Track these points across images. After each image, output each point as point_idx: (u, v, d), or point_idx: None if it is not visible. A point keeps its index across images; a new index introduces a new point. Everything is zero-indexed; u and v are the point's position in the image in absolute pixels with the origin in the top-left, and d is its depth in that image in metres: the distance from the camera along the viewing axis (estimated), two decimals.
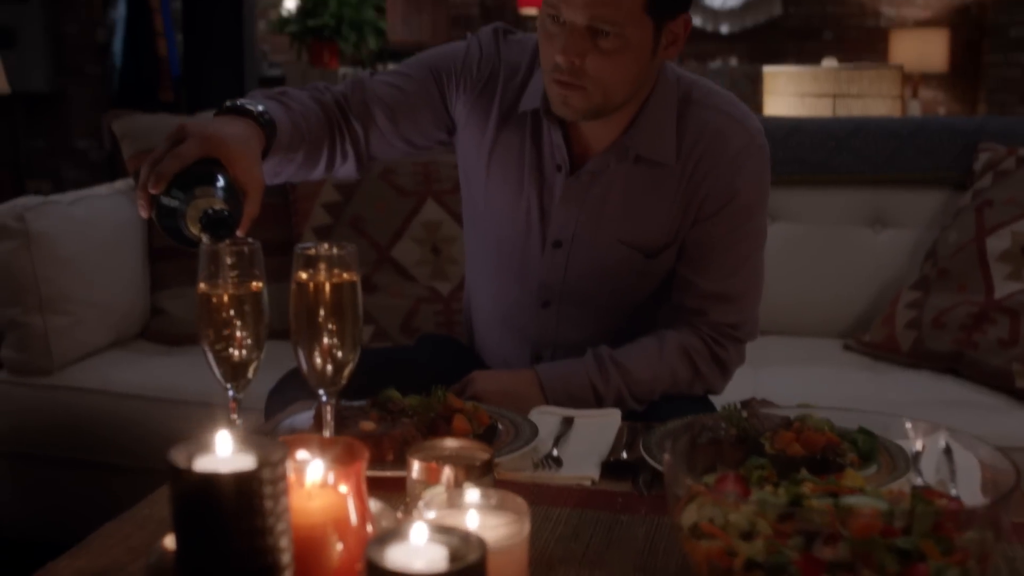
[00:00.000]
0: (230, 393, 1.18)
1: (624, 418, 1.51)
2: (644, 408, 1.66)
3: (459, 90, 1.72)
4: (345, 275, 1.13)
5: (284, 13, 6.60)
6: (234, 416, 1.19)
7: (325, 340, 1.12)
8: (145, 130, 2.67)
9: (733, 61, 8.05)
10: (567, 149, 1.67)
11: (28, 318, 2.29)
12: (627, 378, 1.64)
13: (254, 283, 1.13)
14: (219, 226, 1.24)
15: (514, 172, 1.71)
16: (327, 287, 1.12)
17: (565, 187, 1.68)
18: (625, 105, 1.61)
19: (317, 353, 1.12)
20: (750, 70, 7.50)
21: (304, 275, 1.12)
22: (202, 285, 1.13)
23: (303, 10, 6.21)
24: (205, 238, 1.23)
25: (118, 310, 2.48)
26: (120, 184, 2.70)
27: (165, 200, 1.29)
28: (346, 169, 1.72)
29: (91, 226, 2.44)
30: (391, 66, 7.29)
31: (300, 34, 6.17)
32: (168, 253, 2.57)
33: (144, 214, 1.31)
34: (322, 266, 1.12)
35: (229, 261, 1.12)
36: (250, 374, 1.16)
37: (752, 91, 7.36)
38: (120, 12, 8.34)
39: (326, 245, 1.13)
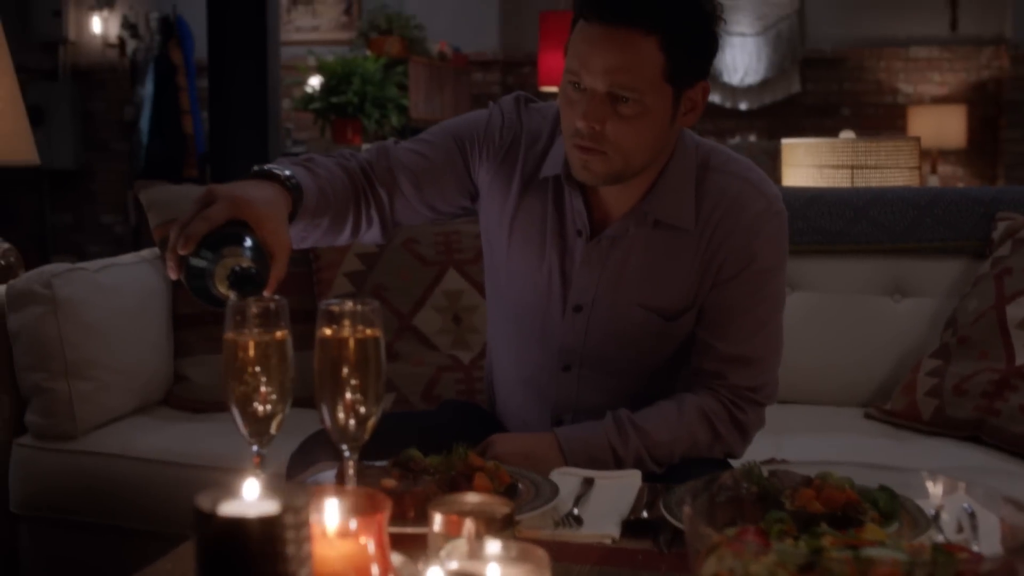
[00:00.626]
0: (254, 448, 1.19)
1: (644, 479, 1.51)
2: (664, 470, 1.66)
3: (482, 157, 1.76)
4: (368, 331, 1.14)
5: (308, 90, 6.71)
6: (258, 471, 1.20)
7: (348, 395, 1.14)
8: (171, 200, 2.72)
9: (752, 137, 8.12)
10: (588, 214, 1.70)
11: (53, 383, 2.31)
12: (647, 441, 1.65)
13: (279, 332, 1.15)
14: (247, 283, 1.26)
15: (536, 237, 1.74)
16: (351, 342, 1.14)
17: (585, 252, 1.70)
18: (645, 171, 1.64)
19: (340, 408, 1.14)
20: (769, 146, 7.56)
21: (328, 331, 1.14)
22: (229, 334, 1.15)
23: (327, 88, 6.31)
24: (233, 296, 1.25)
25: (142, 376, 2.50)
26: (145, 252, 2.74)
27: (194, 261, 1.31)
28: (371, 234, 1.75)
29: (117, 293, 2.47)
30: None
31: (324, 111, 6.26)
32: (192, 321, 2.60)
33: (173, 275, 1.34)
34: (346, 322, 1.14)
35: (255, 311, 1.14)
36: (274, 428, 1.18)
37: (771, 167, 7.41)
38: (148, 90, 8.48)
39: (350, 302, 1.15)
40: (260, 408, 1.16)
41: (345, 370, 1.14)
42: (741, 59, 8.27)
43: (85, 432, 2.36)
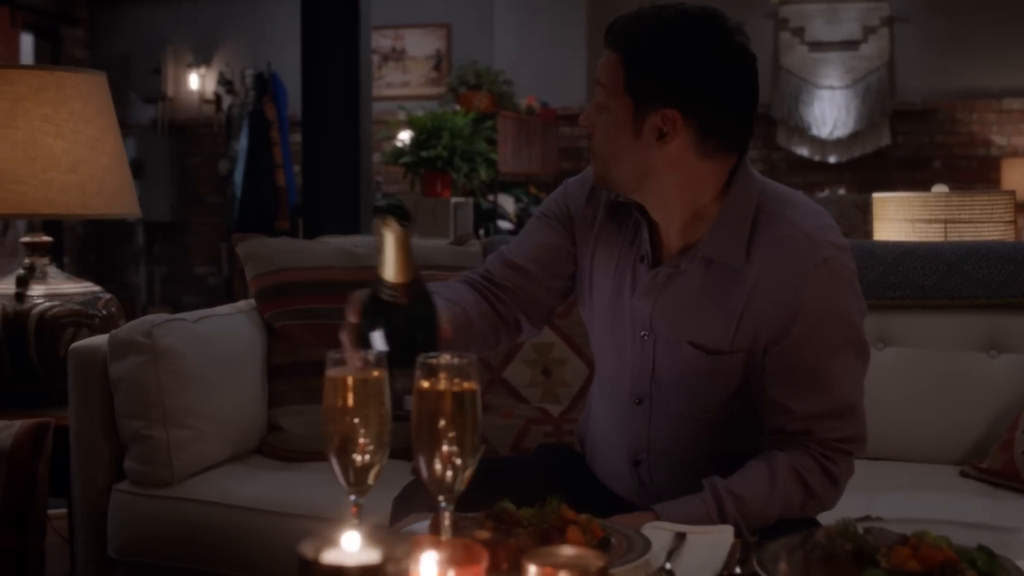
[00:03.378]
0: (351, 498, 1.21)
1: (736, 534, 1.50)
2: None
3: (571, 210, 1.87)
4: (465, 384, 1.16)
5: (399, 144, 6.80)
6: (355, 521, 1.22)
7: (445, 447, 1.16)
8: (268, 252, 2.78)
9: (842, 190, 8.05)
10: (653, 246, 1.76)
11: (152, 431, 2.36)
12: (743, 510, 1.63)
13: (376, 371, 1.18)
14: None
15: (612, 263, 1.81)
16: (449, 395, 1.16)
17: (646, 281, 1.75)
18: (704, 208, 1.72)
19: (437, 460, 1.16)
20: (859, 199, 7.49)
21: (426, 383, 1.16)
22: (330, 372, 1.17)
23: (417, 142, 6.39)
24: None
25: (237, 425, 2.55)
26: (242, 304, 2.80)
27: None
28: (526, 333, 1.89)
29: (214, 343, 2.52)
30: (501, 196, 7.46)
31: (414, 165, 6.34)
32: (286, 371, 2.65)
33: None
34: (443, 375, 1.16)
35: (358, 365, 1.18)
36: (371, 479, 1.20)
37: (862, 220, 7.34)
38: (242, 144, 8.67)
39: (447, 355, 1.18)
40: (359, 459, 1.19)
41: (442, 422, 1.16)
42: (830, 112, 8.22)
43: (182, 479, 2.41)
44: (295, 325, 2.67)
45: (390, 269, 1.41)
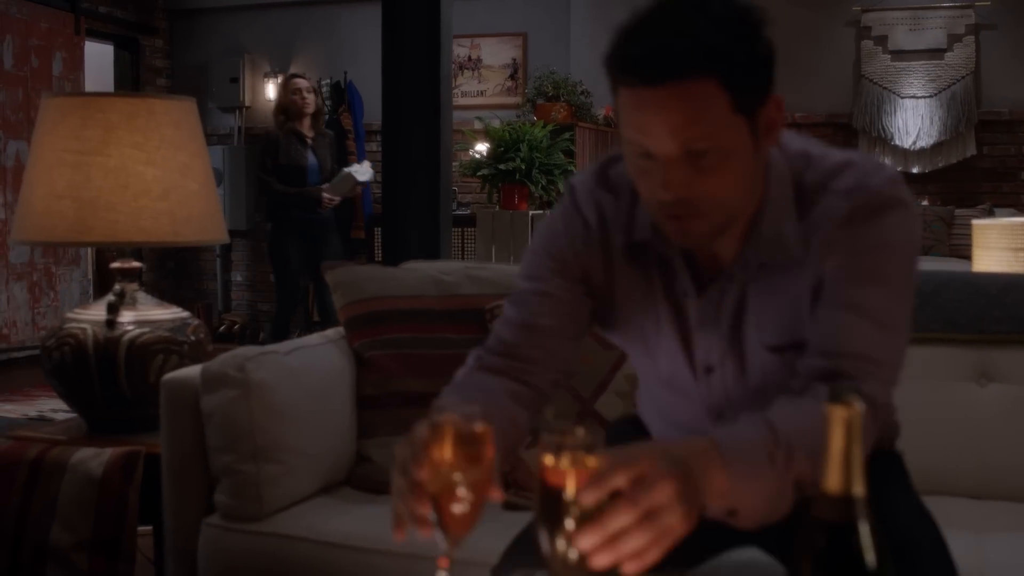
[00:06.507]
0: (442, 548, 1.20)
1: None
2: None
3: (582, 263, 1.67)
4: (590, 462, 1.13)
5: (475, 155, 6.78)
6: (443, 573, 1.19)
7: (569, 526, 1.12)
8: (357, 281, 2.75)
9: (924, 201, 7.89)
10: (693, 270, 1.59)
11: (243, 465, 2.34)
12: (796, 428, 1.39)
13: (479, 426, 1.17)
14: None
15: (647, 304, 1.63)
16: (573, 476, 1.12)
17: (699, 312, 1.59)
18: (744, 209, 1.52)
19: (560, 543, 1.12)
20: (943, 212, 7.34)
21: (550, 460, 1.13)
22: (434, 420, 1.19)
23: (494, 154, 6.37)
24: None
25: (327, 458, 2.53)
26: (331, 333, 2.78)
27: None
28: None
29: (305, 375, 2.50)
30: None
31: (491, 178, 6.31)
32: (376, 402, 2.62)
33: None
34: (568, 453, 1.13)
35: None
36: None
37: (946, 233, 7.20)
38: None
39: (571, 426, 1.14)
40: (458, 508, 1.18)
41: (569, 504, 1.12)
42: (913, 122, 8.06)
43: (271, 514, 2.38)
44: (385, 355, 2.64)
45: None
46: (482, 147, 6.77)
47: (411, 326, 2.68)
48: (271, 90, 9.49)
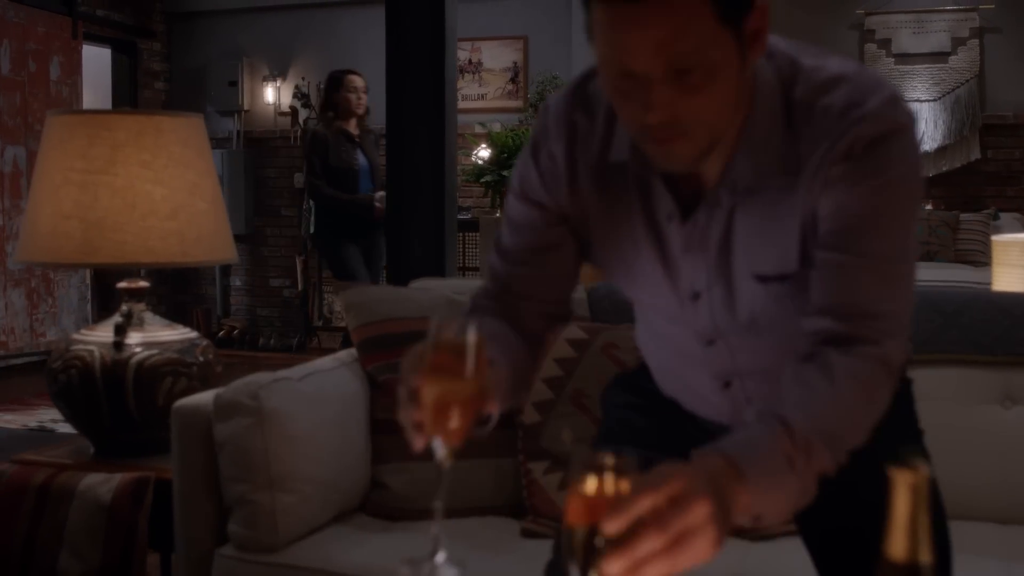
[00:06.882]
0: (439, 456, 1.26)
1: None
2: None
3: (557, 189, 1.57)
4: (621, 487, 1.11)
5: (477, 161, 6.74)
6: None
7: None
8: (369, 302, 2.71)
9: (929, 206, 7.84)
10: (676, 193, 1.48)
11: (257, 495, 2.29)
12: (814, 417, 1.33)
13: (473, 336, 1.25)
14: None
15: (625, 229, 1.54)
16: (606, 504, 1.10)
17: (683, 237, 1.49)
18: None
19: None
20: (948, 216, 7.29)
21: (585, 486, 1.10)
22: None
23: (497, 160, 6.32)
24: None
25: (342, 486, 2.47)
26: (343, 355, 2.73)
27: None
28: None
29: (319, 402, 2.45)
30: None
31: (495, 184, 6.27)
32: (390, 427, 2.53)
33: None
34: (603, 480, 1.11)
35: None
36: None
37: (951, 238, 7.15)
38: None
39: (606, 457, 1.11)
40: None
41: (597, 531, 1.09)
42: (918, 125, 8.01)
43: (286, 544, 2.33)
44: (399, 378, 2.59)
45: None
46: (484, 152, 6.73)
47: None
48: (270, 94, 9.43)
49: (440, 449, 1.25)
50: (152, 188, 2.68)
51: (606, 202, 1.54)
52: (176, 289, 9.72)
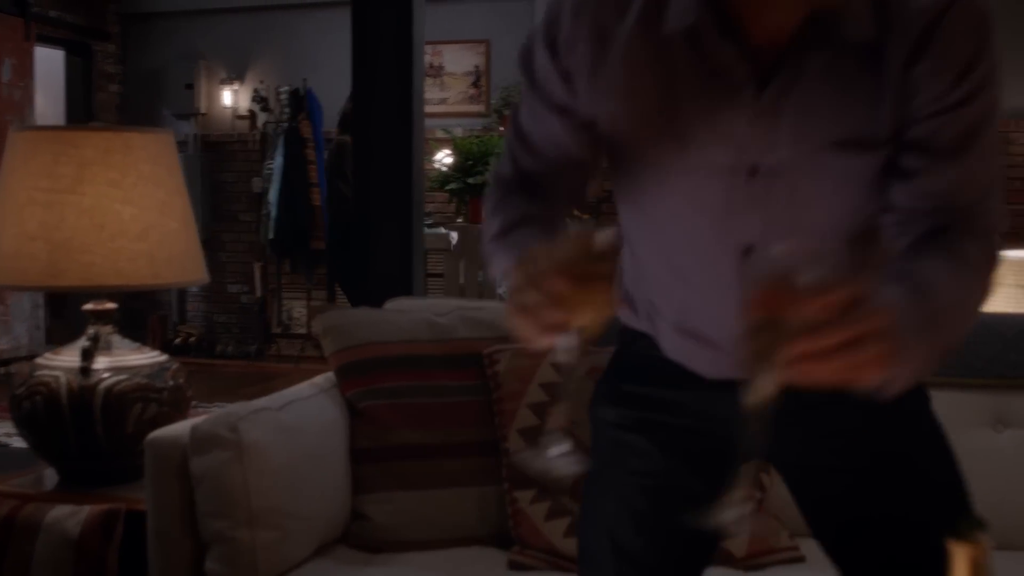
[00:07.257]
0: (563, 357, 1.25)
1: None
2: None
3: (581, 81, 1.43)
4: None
5: (439, 167, 6.66)
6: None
7: None
8: (348, 326, 2.63)
9: None
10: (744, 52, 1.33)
11: (236, 532, 2.20)
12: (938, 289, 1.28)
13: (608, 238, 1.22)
14: None
15: (671, 113, 1.37)
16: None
17: (759, 105, 1.33)
18: None
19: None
20: None
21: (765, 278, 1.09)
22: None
23: (462, 167, 6.25)
24: None
25: (322, 518, 2.39)
26: (320, 380, 2.64)
27: None
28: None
29: (299, 432, 2.36)
30: None
31: (459, 192, 6.20)
32: (372, 455, 2.48)
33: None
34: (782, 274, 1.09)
35: None
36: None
37: None
38: (278, 163, 8.55)
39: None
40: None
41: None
42: None
43: None
44: (380, 405, 2.51)
45: None
46: (445, 157, 6.65)
47: (406, 373, 2.56)
48: (227, 97, 9.30)
49: (572, 339, 1.24)
50: (121, 208, 2.58)
51: (650, 84, 1.37)
52: (131, 296, 9.52)
